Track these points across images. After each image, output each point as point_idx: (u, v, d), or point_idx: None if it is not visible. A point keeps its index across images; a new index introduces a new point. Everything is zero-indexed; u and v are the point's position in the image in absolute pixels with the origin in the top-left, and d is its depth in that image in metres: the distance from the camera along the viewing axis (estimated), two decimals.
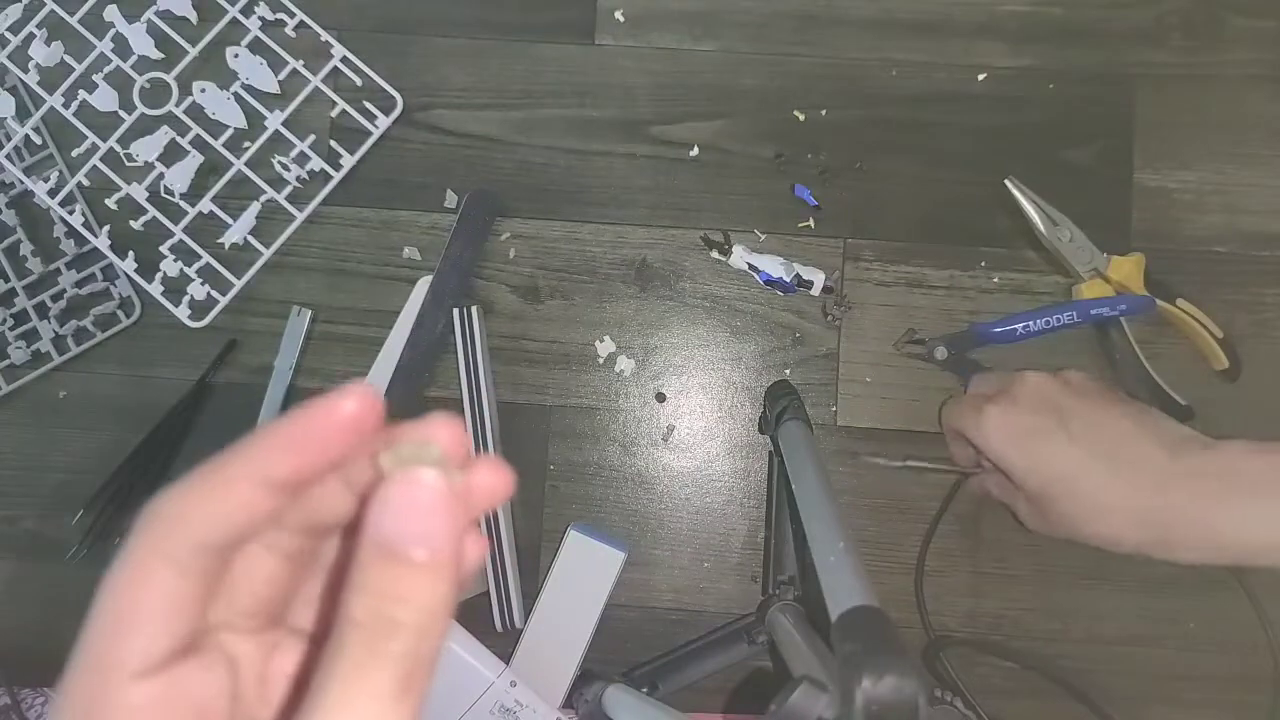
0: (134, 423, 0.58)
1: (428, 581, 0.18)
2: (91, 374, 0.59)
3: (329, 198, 0.59)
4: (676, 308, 0.59)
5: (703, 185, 0.59)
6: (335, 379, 0.58)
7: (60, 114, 0.57)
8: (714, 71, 0.59)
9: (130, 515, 0.57)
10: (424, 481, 0.18)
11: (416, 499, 0.18)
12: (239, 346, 0.59)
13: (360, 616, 0.17)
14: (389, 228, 0.59)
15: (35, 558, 0.58)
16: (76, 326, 0.58)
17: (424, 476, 0.18)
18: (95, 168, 0.58)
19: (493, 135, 0.59)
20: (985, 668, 0.56)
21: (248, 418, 0.58)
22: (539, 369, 0.59)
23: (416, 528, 0.18)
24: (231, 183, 0.58)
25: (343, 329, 0.59)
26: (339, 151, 0.58)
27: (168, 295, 0.58)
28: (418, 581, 0.18)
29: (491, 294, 0.59)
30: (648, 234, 0.59)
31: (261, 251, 0.58)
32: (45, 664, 0.58)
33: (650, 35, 0.60)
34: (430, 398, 0.58)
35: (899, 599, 0.57)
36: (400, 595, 0.17)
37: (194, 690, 0.19)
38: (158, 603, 0.18)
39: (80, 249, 0.59)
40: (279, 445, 0.19)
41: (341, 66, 0.58)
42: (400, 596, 0.17)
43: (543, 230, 0.59)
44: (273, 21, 0.58)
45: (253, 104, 0.58)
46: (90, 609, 0.18)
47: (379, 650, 0.17)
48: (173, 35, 0.58)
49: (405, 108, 0.59)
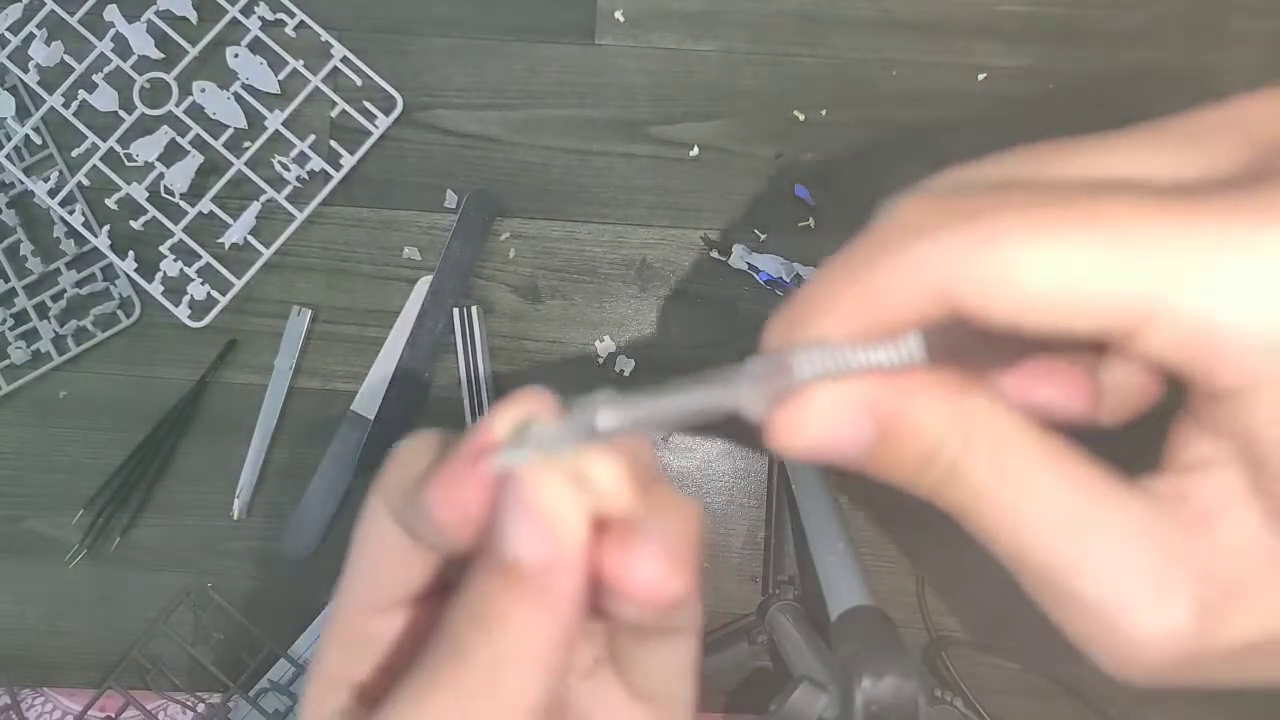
0: (134, 423, 0.58)
1: (529, 602, 0.15)
2: (91, 374, 0.59)
3: (329, 198, 0.59)
4: (676, 308, 0.59)
5: (703, 185, 0.59)
6: (335, 379, 0.59)
7: (60, 114, 0.58)
8: (714, 71, 0.59)
9: (130, 515, 0.58)
10: (538, 484, 0.15)
11: (526, 505, 0.15)
12: (239, 346, 0.59)
13: (443, 626, 0.15)
14: (389, 228, 0.59)
15: (35, 558, 0.58)
16: (76, 326, 0.58)
17: (539, 479, 0.15)
18: (95, 168, 0.58)
19: (493, 135, 0.59)
20: (986, 667, 0.56)
21: (248, 418, 0.58)
22: (539, 369, 0.59)
23: (523, 534, 0.15)
24: (231, 183, 0.58)
25: (343, 329, 0.59)
26: (339, 151, 0.58)
27: (168, 295, 0.58)
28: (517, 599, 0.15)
29: (491, 294, 0.59)
30: (648, 234, 0.59)
31: (261, 251, 0.58)
32: (46, 664, 0.58)
33: (650, 35, 0.60)
34: (431, 398, 0.58)
35: (899, 599, 0.57)
36: (483, 611, 0.15)
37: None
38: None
39: (80, 249, 0.59)
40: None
41: (341, 66, 0.58)
42: (481, 612, 0.15)
43: (543, 230, 0.59)
44: (273, 21, 0.58)
45: (253, 104, 0.58)
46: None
47: (439, 679, 0.15)
48: (173, 35, 0.58)
49: (405, 108, 0.59)
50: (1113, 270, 0.13)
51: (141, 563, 0.58)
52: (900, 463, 0.15)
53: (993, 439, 0.15)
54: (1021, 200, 0.14)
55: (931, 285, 0.14)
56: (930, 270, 0.14)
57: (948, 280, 0.14)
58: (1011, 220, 0.14)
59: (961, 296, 0.14)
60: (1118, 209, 0.13)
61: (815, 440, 0.15)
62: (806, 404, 0.15)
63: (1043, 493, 0.14)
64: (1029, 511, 0.14)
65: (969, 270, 0.14)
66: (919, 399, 0.15)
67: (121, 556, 0.58)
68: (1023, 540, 0.14)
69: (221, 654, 0.56)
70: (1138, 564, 0.14)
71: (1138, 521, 0.14)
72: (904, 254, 0.14)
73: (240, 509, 0.57)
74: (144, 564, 0.58)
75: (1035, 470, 0.14)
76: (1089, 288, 0.13)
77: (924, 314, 0.15)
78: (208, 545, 0.58)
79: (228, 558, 0.58)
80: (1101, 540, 0.14)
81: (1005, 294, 0.14)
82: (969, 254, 0.14)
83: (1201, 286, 0.13)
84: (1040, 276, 0.13)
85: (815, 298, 0.15)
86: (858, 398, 0.15)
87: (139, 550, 0.58)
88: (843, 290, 0.15)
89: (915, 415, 0.15)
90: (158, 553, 0.58)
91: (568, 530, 0.15)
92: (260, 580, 0.58)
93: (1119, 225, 0.13)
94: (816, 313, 0.15)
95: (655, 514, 0.16)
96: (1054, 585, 0.15)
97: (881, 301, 0.15)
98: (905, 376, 0.15)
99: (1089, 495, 0.14)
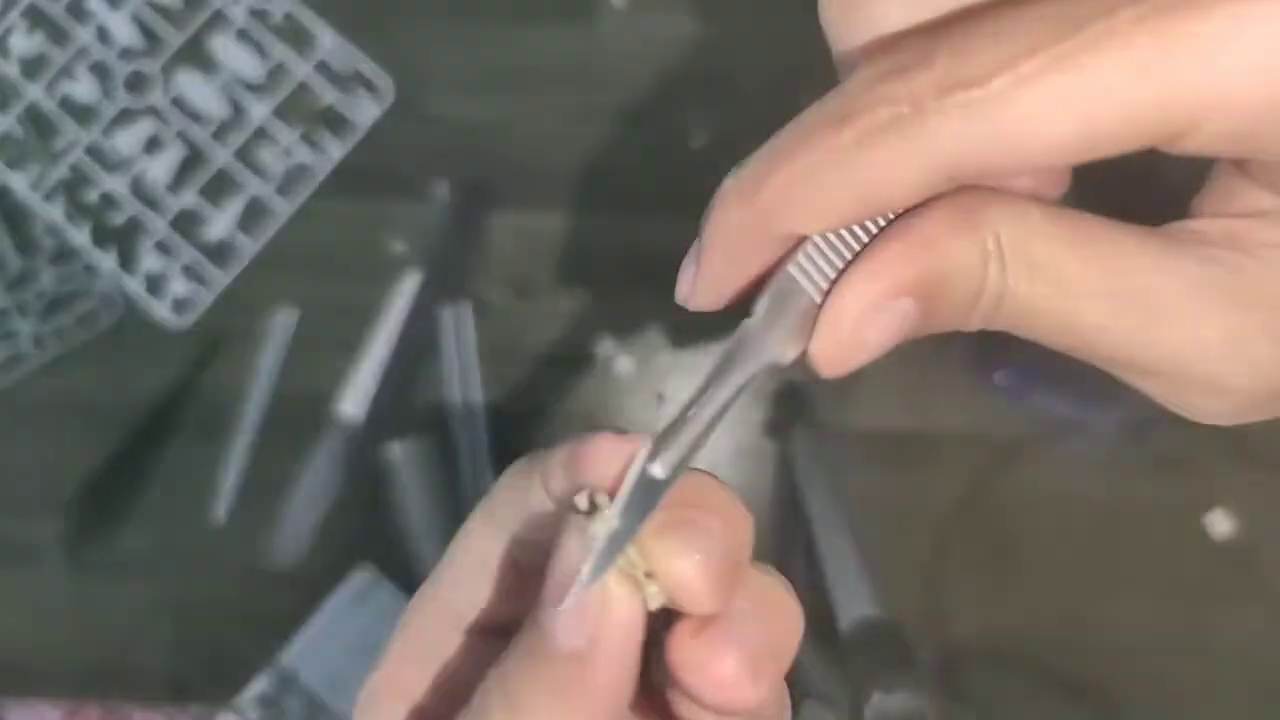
0: (116, 423, 0.57)
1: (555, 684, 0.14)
2: (72, 374, 0.58)
3: (317, 190, 0.57)
4: (676, 307, 0.57)
5: (705, 176, 0.57)
6: (321, 379, 0.57)
7: (41, 106, 0.56)
8: (716, 57, 0.58)
9: (111, 519, 0.57)
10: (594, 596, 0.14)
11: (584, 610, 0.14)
12: (222, 345, 0.57)
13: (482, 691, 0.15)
14: (379, 221, 0.58)
15: (13, 563, 0.57)
16: (57, 325, 0.57)
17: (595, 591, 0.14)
18: (77, 161, 0.56)
19: (487, 125, 0.58)
20: (1001, 680, 0.55)
21: (231, 419, 0.56)
22: (535, 369, 0.57)
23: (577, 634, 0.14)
24: (217, 175, 0.56)
25: (329, 327, 0.57)
26: (327, 142, 0.57)
27: (151, 291, 0.57)
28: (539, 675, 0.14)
29: (484, 290, 0.57)
30: (647, 227, 0.57)
31: (247, 246, 0.57)
32: (26, 671, 0.57)
33: (650, 19, 0.58)
34: (419, 399, 0.57)
35: (910, 605, 0.55)
36: (517, 692, 0.14)
37: None
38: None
39: (61, 245, 0.58)
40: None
41: (330, 56, 0.57)
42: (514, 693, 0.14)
43: (538, 223, 0.58)
44: (259, 10, 0.57)
45: (239, 94, 0.56)
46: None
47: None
48: (157, 24, 0.57)
49: (396, 98, 0.57)
50: (1137, 92, 0.12)
51: (122, 569, 0.57)
52: (949, 314, 0.14)
53: (1028, 248, 0.14)
54: (1018, 41, 0.12)
55: (942, 164, 0.13)
56: (940, 149, 0.12)
57: (960, 153, 0.13)
58: (1017, 71, 0.12)
59: (975, 168, 0.13)
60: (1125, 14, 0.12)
61: (865, 350, 0.14)
62: (838, 320, 0.14)
63: (1094, 281, 0.14)
64: (1088, 306, 0.14)
65: (986, 137, 0.12)
66: (942, 248, 0.14)
67: (101, 562, 0.57)
68: (1090, 335, 0.14)
69: (204, 664, 0.55)
70: (1209, 318, 0.14)
71: (1195, 276, 0.14)
72: (904, 136, 0.13)
73: (224, 513, 0.56)
74: (125, 570, 0.57)
75: (1079, 262, 0.14)
76: (1117, 112, 0.12)
77: (924, 195, 0.13)
78: (190, 551, 0.57)
79: (211, 563, 0.57)
80: (1168, 306, 0.14)
81: (1030, 146, 0.12)
82: (983, 122, 0.12)
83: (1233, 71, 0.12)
84: (1064, 118, 0.12)
85: (793, 180, 0.14)
86: (884, 285, 0.14)
87: (119, 556, 0.57)
88: (829, 179, 0.13)
89: (946, 267, 0.14)
90: (139, 558, 0.57)
91: (617, 622, 0.14)
92: (244, 587, 0.57)
93: (1132, 35, 0.12)
94: (795, 201, 0.14)
95: (746, 608, 0.14)
96: (1133, 364, 0.14)
97: (878, 191, 0.13)
98: (916, 223, 0.14)
99: (1139, 263, 0.14)
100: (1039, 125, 0.12)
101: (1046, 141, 0.12)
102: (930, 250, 0.14)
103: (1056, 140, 0.12)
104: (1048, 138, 0.12)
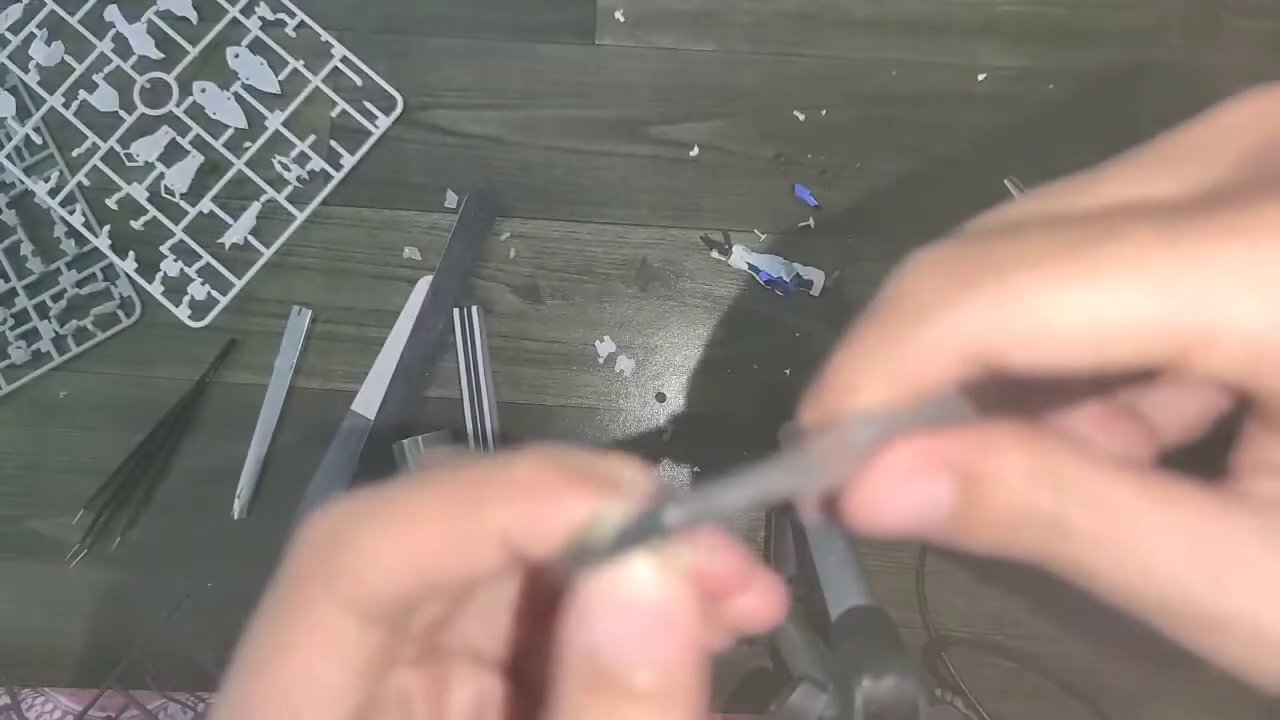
0: (134, 423, 0.58)
1: (656, 713, 0.14)
2: (91, 374, 0.59)
3: (329, 198, 0.59)
4: (676, 308, 0.59)
5: (703, 185, 0.59)
6: (335, 379, 0.59)
7: (60, 114, 0.58)
8: (714, 71, 0.59)
9: (130, 515, 0.58)
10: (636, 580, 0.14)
11: (629, 606, 0.14)
12: (239, 346, 0.59)
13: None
14: (389, 228, 0.59)
15: (35, 558, 0.58)
16: (76, 326, 0.58)
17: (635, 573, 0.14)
18: (95, 168, 0.58)
19: (493, 135, 0.59)
20: (986, 667, 0.56)
21: (248, 417, 0.58)
22: (539, 369, 0.59)
23: (634, 640, 0.14)
24: (232, 183, 0.58)
25: (343, 329, 0.59)
26: (339, 151, 0.58)
27: (168, 295, 0.58)
28: (642, 714, 0.14)
29: (491, 294, 0.59)
30: (648, 234, 0.59)
31: (262, 251, 0.58)
32: (46, 664, 0.58)
33: (650, 35, 0.60)
34: (430, 398, 0.58)
35: (899, 598, 0.57)
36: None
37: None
38: (334, 674, 0.15)
39: (80, 249, 0.59)
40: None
41: (341, 66, 0.58)
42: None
43: (543, 230, 0.59)
44: (273, 21, 0.58)
45: (253, 104, 0.58)
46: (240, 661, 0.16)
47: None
48: (173, 35, 0.58)
49: (405, 108, 0.59)
50: (1150, 302, 0.13)
51: (142, 563, 0.58)
52: (990, 523, 0.14)
53: (1086, 482, 0.14)
54: (1040, 246, 0.13)
55: (965, 347, 0.14)
56: (963, 333, 0.14)
57: (982, 340, 0.14)
58: (1037, 270, 0.13)
59: (999, 353, 0.14)
60: (1138, 236, 0.13)
61: (898, 510, 0.15)
62: (881, 473, 0.14)
63: (1156, 528, 0.13)
64: (1150, 551, 0.13)
65: (1004, 326, 0.13)
66: (996, 449, 0.14)
67: (122, 556, 0.58)
68: (1153, 582, 0.14)
69: (222, 654, 0.56)
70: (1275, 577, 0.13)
71: (1259, 533, 0.13)
72: (933, 321, 0.14)
73: (240, 509, 0.57)
74: (144, 564, 0.58)
75: (1141, 507, 0.14)
76: (1127, 322, 0.13)
77: (957, 376, 0.14)
78: (208, 545, 0.58)
79: (228, 558, 0.58)
80: (1235, 563, 0.13)
81: (1045, 343, 0.13)
82: (1001, 311, 0.13)
83: (1240, 302, 0.12)
84: (1077, 320, 0.13)
85: (846, 373, 0.15)
86: (933, 456, 0.14)
87: (139, 550, 0.58)
88: (874, 364, 0.15)
89: (996, 465, 0.14)
90: (158, 553, 0.58)
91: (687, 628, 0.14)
92: (261, 580, 0.58)
93: (1145, 257, 0.13)
94: (850, 388, 0.15)
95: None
96: (1198, 618, 0.14)
97: (915, 370, 0.14)
98: (971, 432, 0.14)
99: (1201, 519, 0.13)
100: (1057, 317, 0.13)
101: (1062, 335, 0.13)
102: (983, 448, 0.14)
103: (1069, 334, 0.13)
104: (1065, 332, 0.13)
